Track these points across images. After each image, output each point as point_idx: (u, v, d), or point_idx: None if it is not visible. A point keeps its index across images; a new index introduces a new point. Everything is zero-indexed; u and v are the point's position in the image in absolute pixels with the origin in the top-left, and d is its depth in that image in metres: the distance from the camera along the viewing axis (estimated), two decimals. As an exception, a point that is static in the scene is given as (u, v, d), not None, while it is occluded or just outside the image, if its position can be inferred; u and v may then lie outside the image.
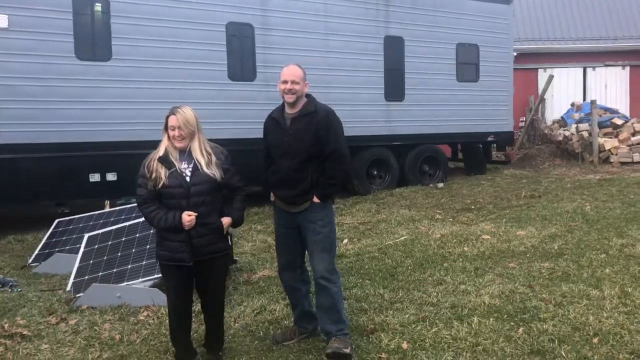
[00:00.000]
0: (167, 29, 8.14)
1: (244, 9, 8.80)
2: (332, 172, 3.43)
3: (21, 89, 7.21)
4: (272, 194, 3.60)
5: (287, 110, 3.48)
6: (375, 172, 10.51)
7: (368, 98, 10.10)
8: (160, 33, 8.09)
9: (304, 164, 3.39)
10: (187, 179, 3.15)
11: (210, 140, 3.36)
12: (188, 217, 3.08)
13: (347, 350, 3.28)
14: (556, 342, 3.47)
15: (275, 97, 9.78)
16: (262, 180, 3.67)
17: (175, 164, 3.17)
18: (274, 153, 3.50)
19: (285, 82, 3.40)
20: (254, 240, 6.66)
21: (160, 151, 3.21)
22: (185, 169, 3.18)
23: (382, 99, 10.30)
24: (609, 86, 17.69)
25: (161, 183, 3.12)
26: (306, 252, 3.58)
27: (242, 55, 8.84)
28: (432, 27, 10.75)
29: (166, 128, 3.23)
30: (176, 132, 3.18)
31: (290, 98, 3.40)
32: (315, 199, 3.43)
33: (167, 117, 3.24)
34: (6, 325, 3.95)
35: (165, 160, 3.16)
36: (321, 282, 3.41)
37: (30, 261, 6.00)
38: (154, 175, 3.14)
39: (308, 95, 3.51)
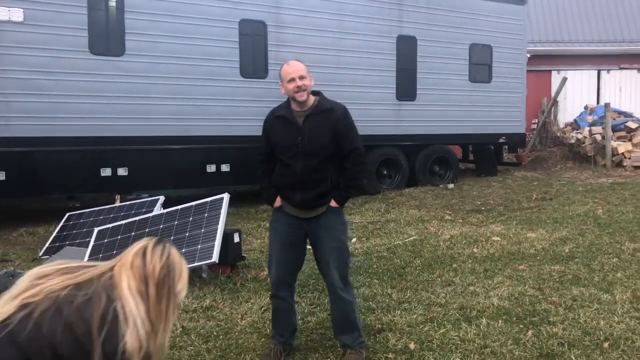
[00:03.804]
0: (180, 25, 8.16)
1: (257, 7, 8.80)
2: (352, 173, 3.23)
3: (34, 82, 7.26)
4: (278, 199, 3.30)
5: (296, 108, 3.21)
6: (385, 172, 10.48)
7: (379, 97, 10.07)
8: (173, 29, 8.11)
9: (321, 164, 3.16)
10: None
11: (221, 137, 2.89)
12: None
13: None
14: (566, 346, 3.43)
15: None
16: (262, 186, 3.38)
17: None
18: (282, 154, 3.21)
19: (292, 80, 3.11)
20: (262, 237, 6.66)
21: None
22: None
23: (393, 99, 10.27)
24: (623, 89, 17.52)
25: None
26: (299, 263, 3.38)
27: (254, 52, 8.84)
28: (445, 27, 10.69)
29: None
30: None
31: (302, 96, 3.13)
32: (333, 203, 3.21)
33: None
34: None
35: None
36: (339, 292, 3.22)
37: (41, 254, 6.05)
38: None
39: (316, 93, 3.26)
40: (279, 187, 3.29)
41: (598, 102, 16.84)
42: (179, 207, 5.30)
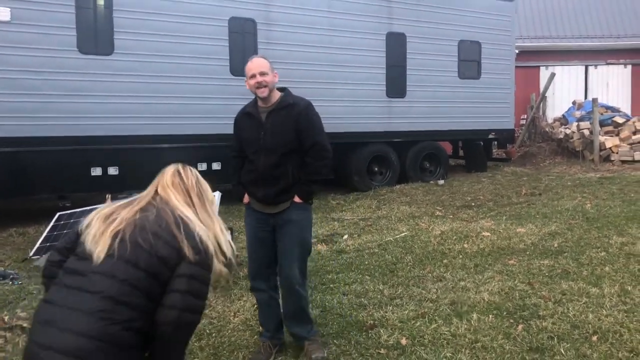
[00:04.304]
0: (169, 24, 8.13)
1: (246, 4, 8.78)
2: (313, 167, 3.23)
3: (23, 82, 7.20)
4: (246, 195, 3.36)
5: (260, 104, 3.27)
6: (375, 169, 10.52)
7: (369, 94, 10.09)
8: (162, 27, 8.08)
9: (282, 159, 3.17)
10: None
11: (212, 135, 3.09)
12: None
13: (325, 354, 3.30)
14: (555, 339, 3.47)
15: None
16: (232, 183, 3.46)
17: None
18: (247, 150, 3.28)
19: (253, 76, 3.18)
20: (254, 235, 6.66)
21: None
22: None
23: (383, 96, 10.29)
24: (610, 84, 17.68)
25: None
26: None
27: (244, 50, 8.81)
28: (434, 23, 10.73)
29: None
30: None
31: (263, 92, 3.17)
32: (297, 199, 3.23)
33: None
34: (6, 318, 3.96)
35: None
36: (296, 287, 3.25)
37: (31, 254, 6.01)
38: None
39: (282, 89, 3.32)
40: (245, 183, 3.34)
41: (586, 98, 16.98)
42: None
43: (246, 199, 3.37)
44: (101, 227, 1.95)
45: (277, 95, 3.27)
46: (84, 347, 1.70)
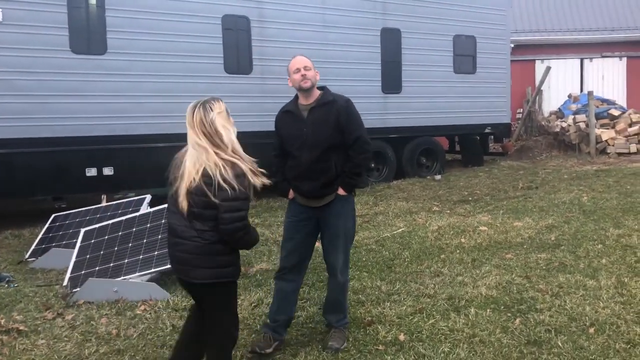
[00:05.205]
0: (162, 22, 8.09)
1: (239, 1, 8.74)
2: (356, 160, 3.37)
3: (16, 83, 7.17)
4: (290, 190, 3.48)
5: (302, 101, 3.41)
6: (372, 165, 10.50)
7: (365, 90, 10.06)
8: (155, 26, 8.04)
9: (325, 153, 3.32)
10: None
11: None
12: None
13: (342, 347, 3.40)
14: (553, 332, 3.47)
15: (271, 90, 9.72)
16: (277, 180, 3.53)
17: None
18: (290, 147, 3.40)
19: (297, 70, 3.34)
20: (251, 233, 6.64)
21: None
22: None
23: (379, 91, 10.28)
24: (606, 77, 17.69)
25: None
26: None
27: (238, 48, 8.79)
28: (429, 18, 10.71)
29: None
30: None
31: (306, 83, 3.32)
32: (341, 191, 3.37)
33: None
34: (2, 321, 3.94)
35: None
36: (338, 275, 3.43)
37: (27, 256, 5.99)
38: None
39: (322, 88, 3.47)
40: (290, 178, 3.46)
41: (581, 91, 17.00)
42: (166, 205, 5.26)
43: (291, 194, 3.50)
44: (180, 183, 2.73)
45: (317, 93, 3.42)
46: (194, 259, 2.68)
